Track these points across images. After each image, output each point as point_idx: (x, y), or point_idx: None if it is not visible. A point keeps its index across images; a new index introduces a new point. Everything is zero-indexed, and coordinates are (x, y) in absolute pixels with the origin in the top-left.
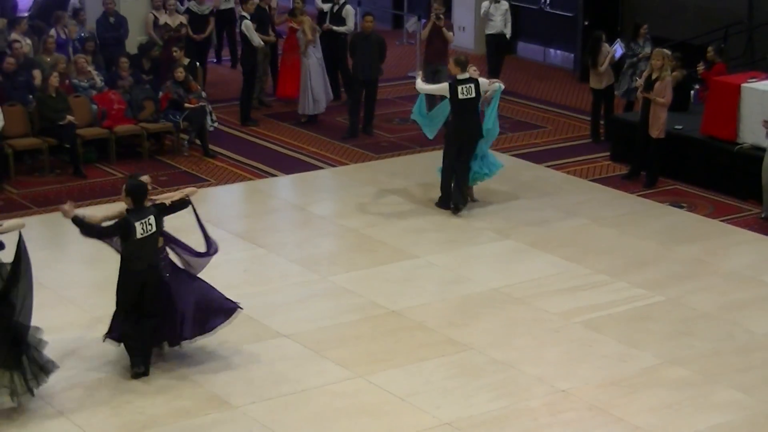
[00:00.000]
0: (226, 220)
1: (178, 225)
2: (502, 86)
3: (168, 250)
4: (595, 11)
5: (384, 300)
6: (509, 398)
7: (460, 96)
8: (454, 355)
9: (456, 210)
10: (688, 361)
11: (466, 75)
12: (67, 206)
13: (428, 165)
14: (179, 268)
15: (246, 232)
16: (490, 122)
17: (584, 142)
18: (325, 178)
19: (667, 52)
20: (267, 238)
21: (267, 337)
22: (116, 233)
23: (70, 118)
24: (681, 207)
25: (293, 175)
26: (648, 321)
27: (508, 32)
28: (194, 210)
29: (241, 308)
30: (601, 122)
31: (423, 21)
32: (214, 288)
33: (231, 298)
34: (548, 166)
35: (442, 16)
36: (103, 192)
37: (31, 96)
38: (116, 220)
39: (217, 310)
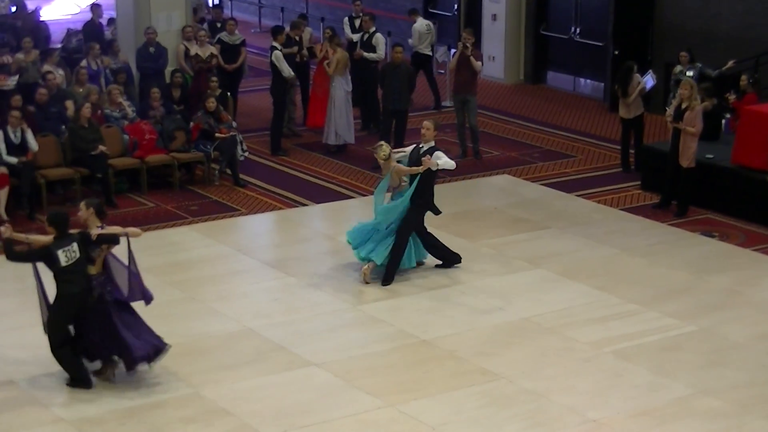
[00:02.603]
0: (256, 249)
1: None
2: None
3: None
4: (625, 41)
5: (414, 329)
6: (540, 428)
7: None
8: (484, 384)
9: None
10: (720, 392)
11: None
12: (3, 228)
13: (456, 196)
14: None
15: (276, 261)
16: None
17: (614, 172)
18: (355, 208)
19: (694, 81)
20: (297, 267)
21: (297, 365)
22: (38, 259)
23: (102, 148)
24: (712, 236)
25: (323, 205)
26: (679, 351)
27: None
28: (129, 251)
29: (167, 347)
30: (631, 151)
31: (452, 51)
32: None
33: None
34: (578, 196)
35: (469, 45)
36: (135, 222)
37: (63, 126)
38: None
39: (147, 344)
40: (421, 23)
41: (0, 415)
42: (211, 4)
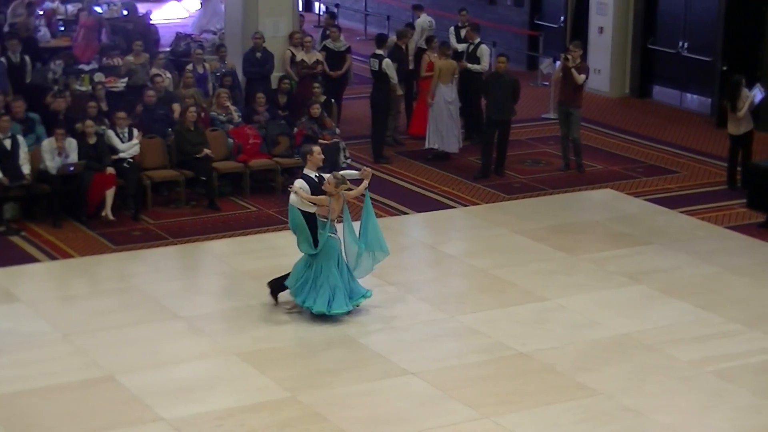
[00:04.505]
0: None
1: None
2: (292, 197)
3: None
4: (735, 56)
5: (512, 341)
6: None
7: None
8: (582, 399)
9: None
10: None
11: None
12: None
13: (557, 209)
14: None
15: (376, 269)
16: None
17: (719, 189)
18: (456, 218)
19: None
20: (397, 276)
21: (394, 374)
22: None
23: (206, 151)
24: None
25: (424, 214)
26: None
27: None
28: None
29: None
30: (738, 168)
31: (557, 62)
32: None
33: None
34: (682, 212)
35: (570, 56)
36: (237, 225)
37: (169, 129)
38: None
39: None
40: (424, 19)
41: (100, 413)
42: (323, 12)
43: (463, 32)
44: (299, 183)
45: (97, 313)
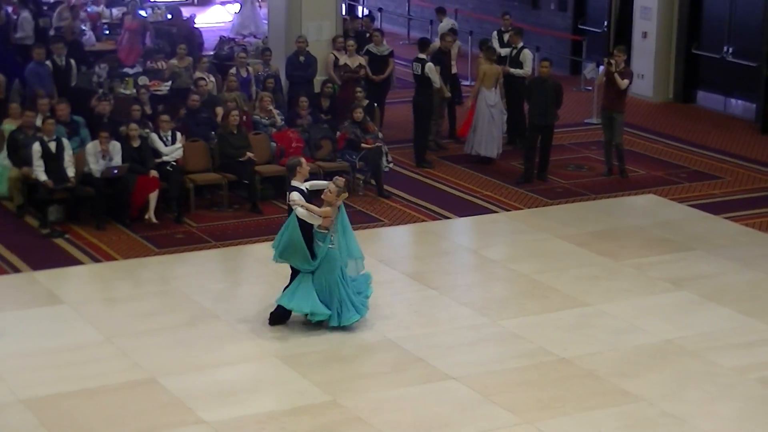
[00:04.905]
0: (398, 260)
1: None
2: (301, 211)
3: None
4: None
5: (554, 347)
6: None
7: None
8: (624, 405)
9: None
10: None
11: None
12: None
13: (600, 214)
14: None
15: (417, 273)
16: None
17: (764, 195)
18: (498, 223)
19: None
20: (438, 280)
21: (435, 379)
22: None
23: (249, 154)
24: None
25: (466, 218)
26: None
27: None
28: None
29: None
30: None
31: (601, 67)
32: None
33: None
34: (725, 218)
35: (613, 61)
36: (280, 228)
37: (212, 132)
38: None
39: None
40: (446, 23)
41: (142, 415)
42: (360, 15)
43: (506, 36)
44: (297, 196)
45: (139, 316)
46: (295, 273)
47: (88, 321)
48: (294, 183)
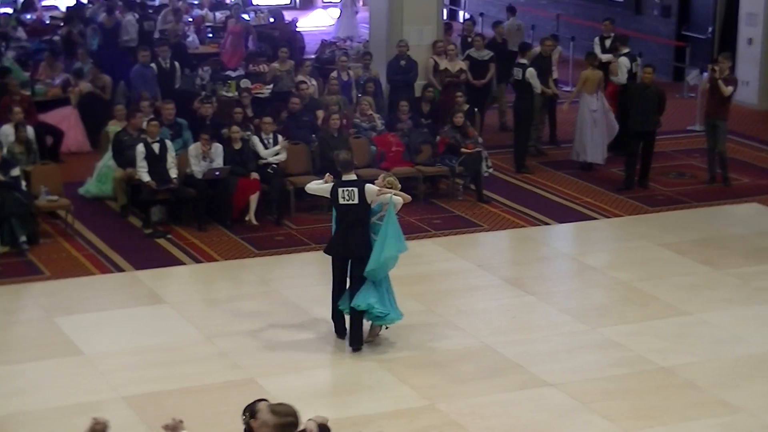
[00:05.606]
0: (496, 265)
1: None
2: (398, 199)
3: None
4: None
5: (654, 355)
6: None
7: (341, 201)
8: (725, 416)
9: (354, 350)
10: None
11: (352, 176)
12: None
13: (701, 222)
14: None
15: (516, 278)
16: (382, 247)
17: None
18: (598, 229)
19: None
20: (537, 286)
21: (533, 385)
22: None
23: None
24: None
25: (566, 225)
26: None
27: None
28: None
29: None
30: None
31: (705, 74)
32: None
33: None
34: None
35: (717, 68)
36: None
37: (313, 135)
38: None
39: None
40: (512, 23)
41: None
42: (462, 19)
43: (607, 42)
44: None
45: (239, 316)
46: (340, 275)
47: (188, 320)
48: (347, 177)
